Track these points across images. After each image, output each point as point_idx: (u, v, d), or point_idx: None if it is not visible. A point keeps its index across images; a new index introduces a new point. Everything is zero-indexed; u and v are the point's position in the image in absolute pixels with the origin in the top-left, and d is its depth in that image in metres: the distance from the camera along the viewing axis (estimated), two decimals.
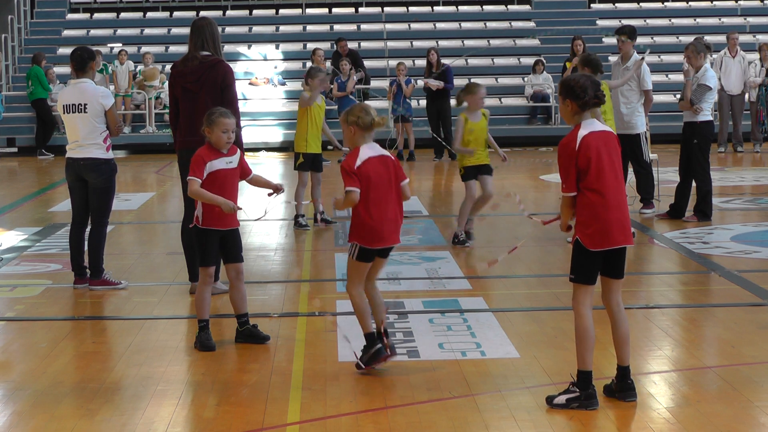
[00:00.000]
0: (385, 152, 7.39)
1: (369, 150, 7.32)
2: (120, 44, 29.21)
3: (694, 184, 13.80)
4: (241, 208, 8.08)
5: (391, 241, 7.35)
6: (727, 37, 23.40)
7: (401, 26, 31.11)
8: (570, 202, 6.56)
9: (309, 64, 22.92)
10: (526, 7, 31.94)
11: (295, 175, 13.97)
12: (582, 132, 6.49)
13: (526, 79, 27.63)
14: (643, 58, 13.73)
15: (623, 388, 6.62)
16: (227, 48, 28.16)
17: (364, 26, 31.09)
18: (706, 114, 13.62)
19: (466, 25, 30.98)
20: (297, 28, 31.18)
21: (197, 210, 8.13)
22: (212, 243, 8.09)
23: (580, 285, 6.56)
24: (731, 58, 23.08)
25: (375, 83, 27.48)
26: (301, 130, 13.67)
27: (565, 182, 6.52)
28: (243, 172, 8.25)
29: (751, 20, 30.68)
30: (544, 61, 26.97)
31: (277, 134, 26.68)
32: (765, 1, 31.83)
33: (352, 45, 26.47)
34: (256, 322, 8.42)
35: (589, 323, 6.53)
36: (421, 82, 23.52)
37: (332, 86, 22.77)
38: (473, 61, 29.16)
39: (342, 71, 22.76)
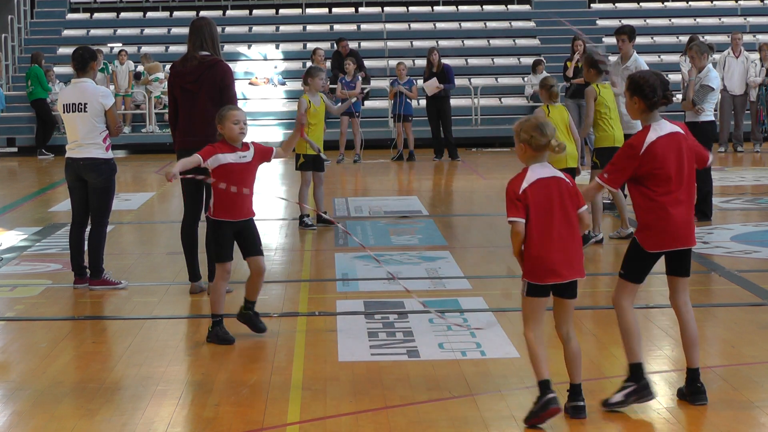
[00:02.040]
0: (557, 173, 6.29)
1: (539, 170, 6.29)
2: (120, 44, 29.20)
3: None
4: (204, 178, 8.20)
5: (566, 276, 6.31)
6: (731, 37, 23.37)
7: (401, 26, 31.10)
8: (599, 190, 6.54)
9: (309, 64, 22.90)
10: (526, 7, 31.93)
11: (296, 175, 13.95)
12: (650, 137, 6.39)
13: (526, 79, 27.62)
14: None
15: (693, 392, 6.55)
16: (227, 48, 28.16)
17: (364, 26, 31.08)
18: (709, 114, 13.61)
19: (466, 25, 30.97)
20: (297, 28, 31.17)
21: (210, 200, 8.25)
22: (226, 237, 8.11)
23: (627, 282, 6.53)
24: (734, 57, 23.05)
25: (375, 83, 27.48)
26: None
27: (610, 174, 6.38)
28: (265, 154, 8.34)
29: (751, 20, 30.66)
30: (544, 61, 26.97)
31: (277, 134, 26.65)
32: (765, 1, 31.83)
33: (352, 45, 26.46)
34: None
35: (633, 317, 6.50)
36: (420, 82, 23.49)
37: (335, 86, 22.75)
38: (473, 61, 29.15)
39: (347, 71, 22.73)
